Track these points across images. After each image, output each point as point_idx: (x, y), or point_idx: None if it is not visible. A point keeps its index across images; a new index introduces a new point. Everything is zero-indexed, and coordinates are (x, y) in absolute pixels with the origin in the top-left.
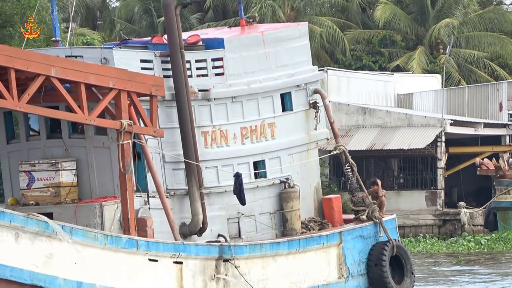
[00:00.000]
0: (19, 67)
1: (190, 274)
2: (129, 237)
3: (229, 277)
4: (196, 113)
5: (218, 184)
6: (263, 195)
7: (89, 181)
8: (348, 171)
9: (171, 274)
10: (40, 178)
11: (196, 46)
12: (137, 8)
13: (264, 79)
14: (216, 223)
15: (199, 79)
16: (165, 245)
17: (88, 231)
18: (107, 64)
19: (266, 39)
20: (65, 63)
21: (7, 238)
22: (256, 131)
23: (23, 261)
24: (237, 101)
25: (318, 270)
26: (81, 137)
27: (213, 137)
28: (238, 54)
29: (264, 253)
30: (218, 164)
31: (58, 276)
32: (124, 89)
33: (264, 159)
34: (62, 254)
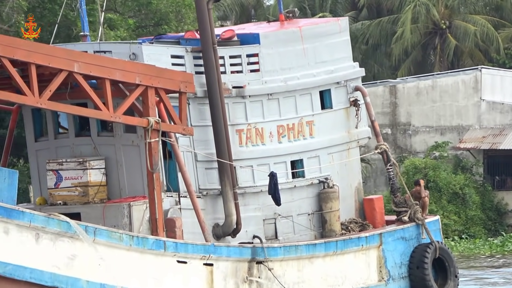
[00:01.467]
0: (40, 62)
1: (221, 276)
2: (157, 238)
3: (262, 279)
4: (230, 111)
5: (253, 184)
6: (301, 195)
7: (118, 180)
8: (390, 171)
9: (201, 276)
10: (68, 177)
11: (231, 42)
12: (292, 5)
13: (302, 76)
14: (251, 224)
15: (234, 76)
16: (195, 247)
17: (113, 232)
18: (136, 59)
19: (304, 34)
20: (88, 59)
21: (27, 238)
22: (294, 130)
23: (44, 263)
24: (274, 98)
25: (357, 273)
26: (110, 135)
27: (248, 135)
28: (275, 50)
29: (299, 255)
30: (253, 163)
31: (80, 278)
32: (152, 86)
33: (302, 158)
34: (85, 255)
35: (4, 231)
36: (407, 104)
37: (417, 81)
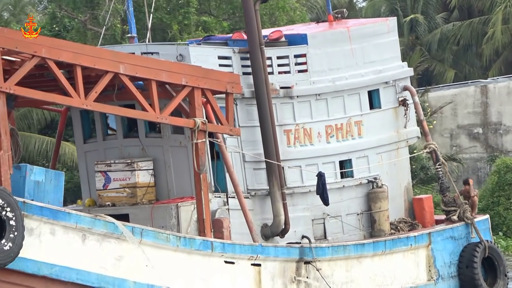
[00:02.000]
0: (86, 64)
1: (269, 276)
2: (204, 239)
3: (310, 279)
4: (278, 111)
5: (301, 184)
6: (350, 195)
7: (167, 181)
8: (439, 171)
9: (249, 276)
10: (116, 178)
11: (278, 42)
12: (384, 8)
13: (350, 76)
14: (300, 224)
15: (281, 76)
16: (242, 247)
17: (160, 233)
18: (183, 60)
19: (352, 34)
20: (134, 60)
21: (73, 240)
22: (342, 130)
23: (91, 264)
24: (322, 98)
25: (406, 272)
26: (158, 136)
27: (296, 135)
28: (322, 50)
29: (348, 255)
30: (301, 164)
31: (127, 279)
32: (198, 87)
33: (350, 158)
34: (132, 256)
35: (51, 233)
36: (498, 103)
37: (508, 81)
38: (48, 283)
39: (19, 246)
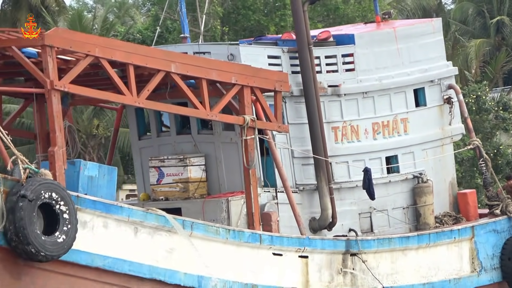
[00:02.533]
0: (138, 63)
1: (316, 268)
2: (252, 232)
3: (356, 271)
4: (326, 109)
5: (349, 179)
6: (396, 190)
7: (218, 176)
8: (482, 166)
9: (296, 268)
10: (169, 173)
11: (327, 42)
12: (471, 10)
13: (397, 75)
14: (347, 217)
15: (329, 75)
16: (290, 240)
17: (210, 226)
18: (234, 60)
19: (398, 35)
20: (185, 59)
21: (125, 232)
22: (389, 126)
23: (143, 256)
24: (369, 96)
25: (449, 264)
26: (209, 133)
27: (344, 132)
28: (369, 50)
29: (393, 247)
30: (349, 159)
31: (178, 270)
32: (247, 85)
33: (396, 154)
34: (183, 248)
35: (104, 226)
36: None
37: None
38: (101, 274)
39: (72, 239)
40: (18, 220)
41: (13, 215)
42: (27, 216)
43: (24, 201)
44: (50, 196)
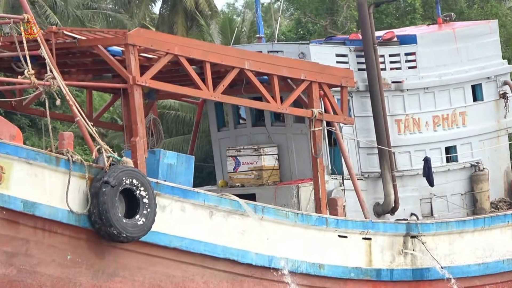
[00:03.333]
0: (214, 61)
1: (378, 249)
2: (319, 215)
3: (416, 252)
4: (390, 103)
5: (410, 168)
6: (455, 177)
7: (289, 164)
8: None
9: (360, 249)
10: (245, 162)
11: (391, 42)
12: None
13: (455, 72)
14: (409, 203)
15: (393, 72)
16: (354, 223)
17: (279, 210)
18: (304, 58)
19: (457, 35)
20: (258, 57)
21: (201, 216)
22: (448, 119)
23: (217, 237)
24: (429, 91)
25: (503, 246)
26: (281, 125)
27: (406, 124)
28: (430, 49)
29: (450, 230)
30: (410, 150)
31: (250, 250)
32: (315, 81)
33: (455, 145)
34: (254, 230)
35: (181, 209)
36: None
37: None
38: (178, 254)
39: (151, 221)
40: (101, 204)
41: (97, 199)
42: (109, 200)
43: (107, 186)
44: (131, 182)
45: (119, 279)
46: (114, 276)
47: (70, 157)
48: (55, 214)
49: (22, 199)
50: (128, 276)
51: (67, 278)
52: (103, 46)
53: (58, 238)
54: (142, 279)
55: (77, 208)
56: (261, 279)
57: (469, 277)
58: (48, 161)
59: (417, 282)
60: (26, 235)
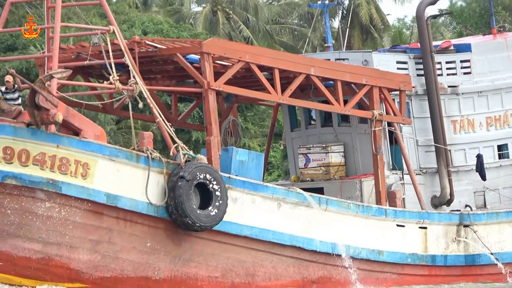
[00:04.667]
0: (283, 67)
1: (434, 237)
2: (379, 207)
3: (468, 239)
4: (446, 105)
5: (465, 164)
6: (507, 172)
7: (354, 161)
8: None
9: (417, 237)
10: (314, 159)
11: (448, 50)
12: None
13: (507, 77)
14: (464, 195)
15: (449, 77)
16: (411, 213)
17: (342, 202)
18: (367, 65)
19: (509, 44)
20: (323, 64)
21: (270, 207)
22: (500, 120)
23: (284, 226)
24: (483, 95)
25: None
26: (347, 125)
27: (461, 125)
28: (484, 57)
29: (500, 220)
30: (465, 147)
31: (315, 238)
32: (376, 85)
33: (507, 143)
34: (319, 220)
35: (251, 201)
36: None
37: None
38: (248, 241)
39: (223, 212)
40: (178, 196)
41: (173, 192)
42: (185, 193)
43: (182, 181)
44: (204, 177)
45: (194, 264)
46: (189, 261)
47: (149, 154)
48: (135, 205)
49: (106, 192)
50: (202, 262)
51: (146, 263)
52: (181, 54)
53: (139, 227)
54: (215, 264)
55: (155, 200)
56: (325, 264)
57: None
58: (129, 158)
59: (469, 267)
60: (109, 224)
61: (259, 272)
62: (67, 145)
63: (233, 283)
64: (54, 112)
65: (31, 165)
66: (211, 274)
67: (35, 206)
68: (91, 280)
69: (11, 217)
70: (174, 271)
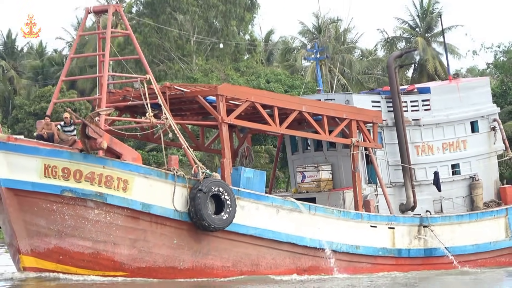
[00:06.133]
0: (280, 105)
1: (400, 235)
2: (356, 212)
3: (427, 237)
4: (411, 134)
5: (426, 179)
6: (458, 185)
7: (339, 177)
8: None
9: (386, 235)
10: (309, 176)
11: (412, 92)
12: None
13: (459, 112)
14: (425, 203)
15: (413, 113)
16: (382, 217)
17: (327, 208)
18: (349, 104)
19: (460, 87)
20: (313, 103)
21: (270, 213)
22: (453, 145)
23: (281, 227)
24: (439, 126)
25: (491, 232)
26: (334, 150)
27: (423, 149)
28: (440, 97)
29: (452, 222)
30: (426, 166)
31: (305, 236)
32: (354, 119)
33: (458, 163)
34: (308, 222)
35: (256, 208)
36: None
37: None
38: (253, 239)
39: (232, 217)
40: (197, 205)
41: (194, 202)
42: (202, 202)
43: (200, 193)
44: (218, 190)
45: (211, 257)
46: (207, 254)
47: (175, 173)
48: (164, 212)
49: (141, 202)
50: (217, 255)
51: (174, 256)
52: (201, 96)
53: (167, 229)
54: (227, 257)
55: (180, 208)
56: (314, 256)
57: (465, 254)
58: (159, 175)
59: (428, 258)
60: (144, 226)
61: (262, 262)
62: (111, 166)
63: (242, 271)
64: (100, 140)
65: (83, 181)
66: (224, 264)
67: (87, 213)
68: (131, 270)
69: (68, 221)
70: (195, 262)
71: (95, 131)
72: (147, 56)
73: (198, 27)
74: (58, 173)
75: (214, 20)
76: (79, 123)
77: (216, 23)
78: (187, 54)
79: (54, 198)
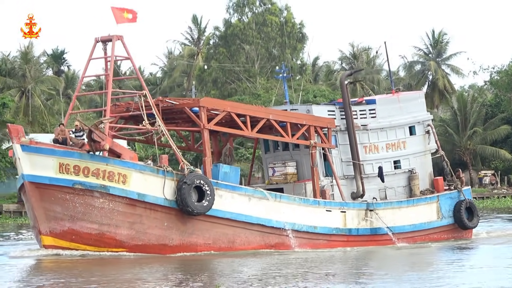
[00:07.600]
0: (251, 114)
1: (350, 217)
2: (314, 199)
3: (373, 219)
4: (360, 137)
5: (372, 172)
6: (399, 177)
7: (302, 172)
8: (444, 165)
9: (339, 217)
10: (278, 170)
11: (361, 103)
12: None
13: (399, 119)
14: (372, 192)
15: (362, 120)
16: (335, 203)
17: (290, 196)
18: (309, 113)
19: (400, 99)
20: (278, 112)
21: (243, 200)
22: (395, 145)
23: (253, 212)
24: (384, 130)
25: (425, 214)
26: (298, 150)
27: (370, 148)
28: (384, 107)
29: (393, 206)
30: (372, 162)
31: (272, 219)
32: (312, 125)
33: (399, 159)
34: (274, 208)
35: (231, 197)
36: None
37: None
38: (229, 221)
39: (212, 204)
40: (182, 194)
41: (180, 192)
42: (187, 192)
43: (185, 185)
44: (199, 182)
45: (195, 236)
46: (192, 234)
47: (165, 169)
48: (156, 200)
49: (137, 192)
50: (200, 234)
51: (164, 235)
52: (187, 107)
53: (159, 214)
54: (208, 236)
55: (169, 197)
56: (279, 235)
57: (404, 232)
58: (152, 171)
59: (373, 235)
60: (140, 212)
61: (237, 240)
62: (112, 163)
63: (220, 247)
64: (103, 143)
65: (91, 176)
66: (206, 242)
67: (93, 201)
68: (129, 247)
69: (79, 208)
70: (182, 240)
71: (99, 136)
72: (221, 77)
73: (260, 54)
74: (70, 170)
75: (273, 49)
76: (87, 129)
77: (274, 51)
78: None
79: (67, 189)
